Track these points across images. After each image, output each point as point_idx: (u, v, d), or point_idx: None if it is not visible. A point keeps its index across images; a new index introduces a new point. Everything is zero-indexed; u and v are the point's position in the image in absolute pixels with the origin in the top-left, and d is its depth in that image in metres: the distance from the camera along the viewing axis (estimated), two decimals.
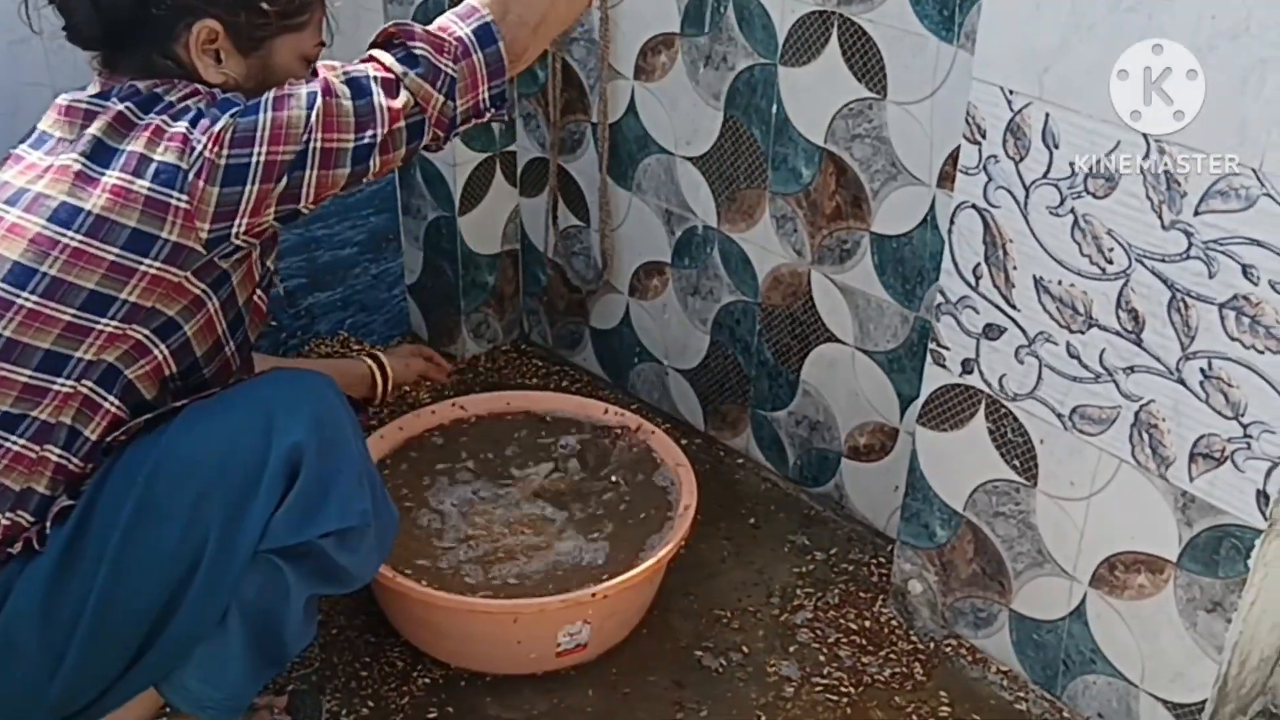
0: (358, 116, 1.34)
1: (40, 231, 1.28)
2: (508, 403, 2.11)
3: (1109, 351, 1.50)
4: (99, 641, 1.33)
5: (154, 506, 1.33)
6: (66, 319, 1.28)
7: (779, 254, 2.02)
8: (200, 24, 1.34)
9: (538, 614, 1.68)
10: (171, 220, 1.29)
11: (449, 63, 1.38)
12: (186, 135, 1.29)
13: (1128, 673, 1.63)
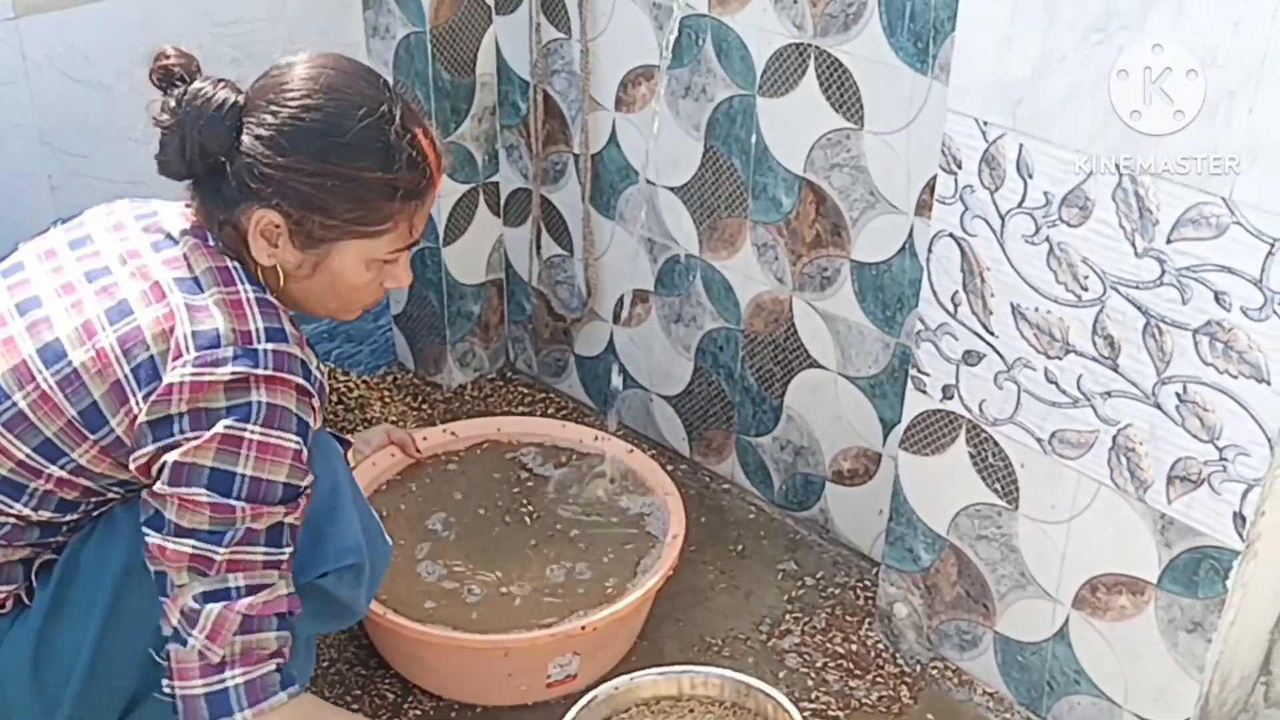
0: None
1: (25, 361, 1.26)
2: (497, 429, 2.12)
3: (1086, 377, 1.52)
4: (92, 692, 1.34)
5: (144, 559, 1.33)
6: (20, 456, 1.26)
7: (761, 281, 2.04)
8: (263, 212, 1.29)
9: (528, 647, 1.69)
10: (124, 414, 1.25)
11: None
12: (179, 378, 1.23)
13: (1111, 693, 1.65)
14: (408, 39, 2.19)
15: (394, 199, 1.32)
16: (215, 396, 1.23)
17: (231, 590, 1.26)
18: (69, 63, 1.82)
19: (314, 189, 1.28)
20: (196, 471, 1.23)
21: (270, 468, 1.25)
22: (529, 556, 1.88)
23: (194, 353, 1.23)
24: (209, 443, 1.23)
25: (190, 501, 1.24)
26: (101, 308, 1.27)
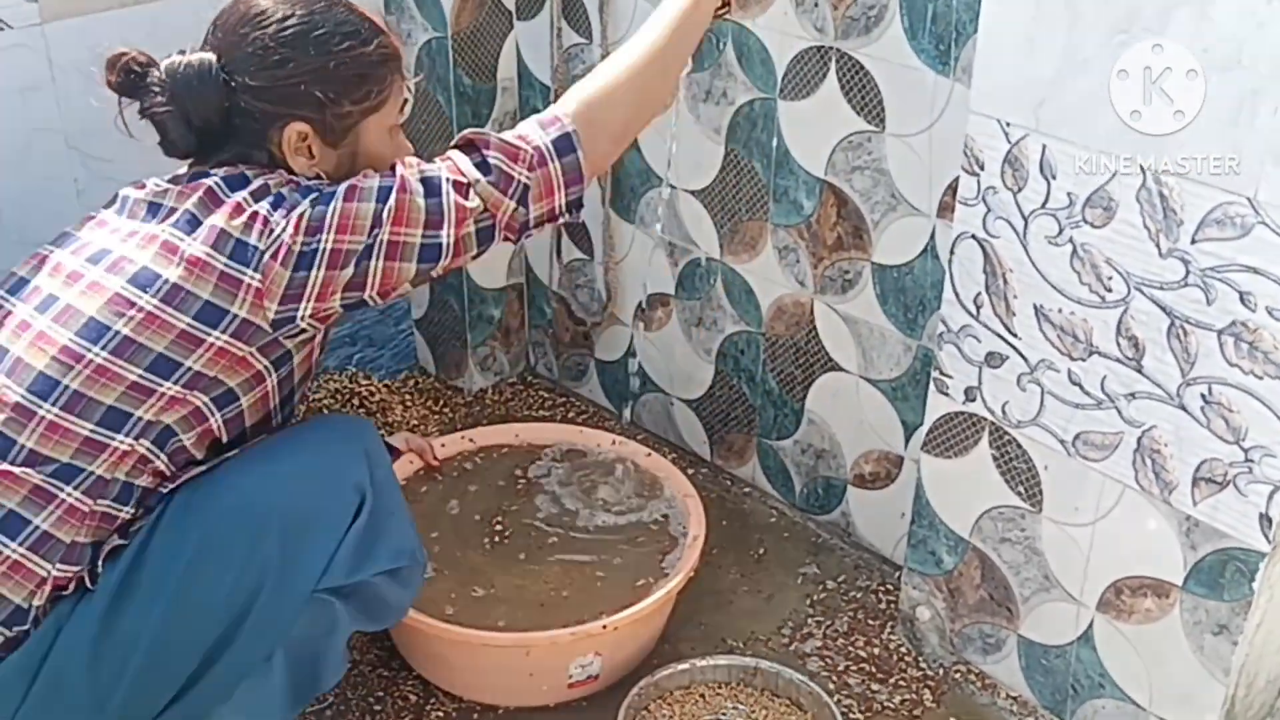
0: (428, 214, 1.39)
1: (118, 292, 1.32)
2: (515, 435, 2.13)
3: (1110, 378, 1.52)
4: (148, 680, 1.36)
5: (212, 548, 1.35)
6: (132, 378, 1.31)
7: (782, 284, 2.04)
8: (290, 127, 1.40)
9: (549, 646, 1.69)
10: (242, 297, 1.33)
11: (524, 171, 1.43)
12: (267, 218, 1.35)
13: (1136, 696, 1.64)
14: (429, 44, 2.19)
15: (384, 63, 1.45)
16: (319, 212, 1.37)
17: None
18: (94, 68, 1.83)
19: (322, 83, 1.39)
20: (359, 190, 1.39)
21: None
22: (548, 559, 1.88)
23: (278, 213, 1.35)
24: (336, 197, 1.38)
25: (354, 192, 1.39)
26: (173, 227, 1.35)
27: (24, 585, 1.31)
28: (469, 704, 1.78)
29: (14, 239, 1.82)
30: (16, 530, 1.30)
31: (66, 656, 1.34)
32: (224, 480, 1.36)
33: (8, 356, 1.33)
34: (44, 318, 1.33)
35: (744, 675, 1.79)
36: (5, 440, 1.30)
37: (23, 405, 1.30)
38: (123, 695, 1.35)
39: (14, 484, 1.30)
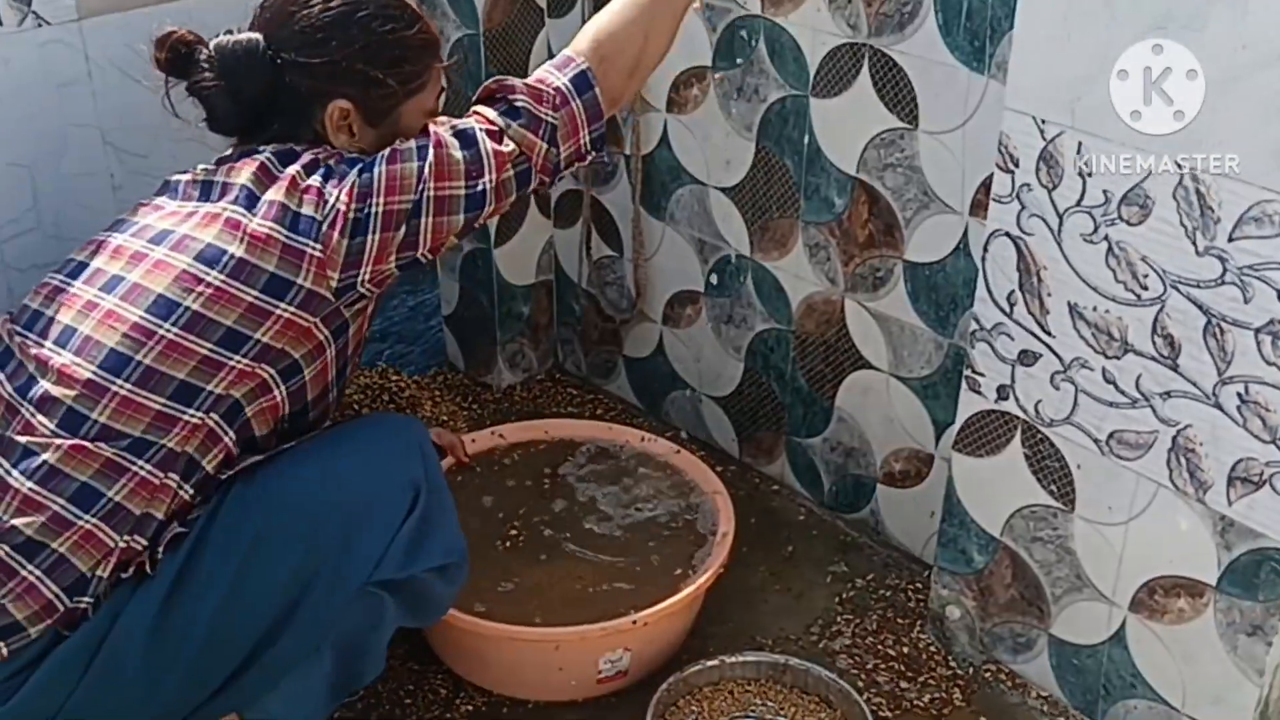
0: (467, 165, 1.43)
1: (186, 269, 1.36)
2: (545, 431, 2.13)
3: (1145, 377, 1.51)
4: (201, 666, 1.38)
5: (269, 540, 1.37)
6: (203, 352, 1.35)
7: (812, 282, 2.04)
8: (333, 104, 1.45)
9: (579, 641, 1.69)
10: (306, 268, 1.37)
11: (549, 111, 1.47)
12: (321, 189, 1.39)
13: (1169, 697, 1.63)
14: (462, 41, 2.20)
15: (425, 47, 1.49)
16: (368, 176, 1.40)
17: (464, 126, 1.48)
18: (130, 64, 1.85)
19: (366, 63, 1.43)
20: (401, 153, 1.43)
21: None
22: (578, 555, 1.88)
23: (331, 183, 1.39)
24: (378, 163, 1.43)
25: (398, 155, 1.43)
26: (233, 204, 1.38)
27: (93, 555, 1.34)
28: (498, 698, 1.78)
29: (50, 234, 1.84)
30: (90, 503, 1.33)
31: (123, 641, 1.35)
32: (281, 473, 1.39)
33: (76, 335, 1.35)
34: (111, 297, 1.36)
35: (773, 672, 1.79)
36: (78, 416, 1.32)
37: (95, 382, 1.32)
38: (176, 680, 1.38)
39: (87, 458, 1.32)
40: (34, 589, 1.32)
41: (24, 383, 1.35)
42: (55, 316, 1.38)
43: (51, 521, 1.32)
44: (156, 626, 1.36)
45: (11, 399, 1.35)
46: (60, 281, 1.42)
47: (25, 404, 1.34)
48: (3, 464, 1.33)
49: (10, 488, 1.32)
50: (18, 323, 1.41)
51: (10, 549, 1.31)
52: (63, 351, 1.34)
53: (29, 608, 1.33)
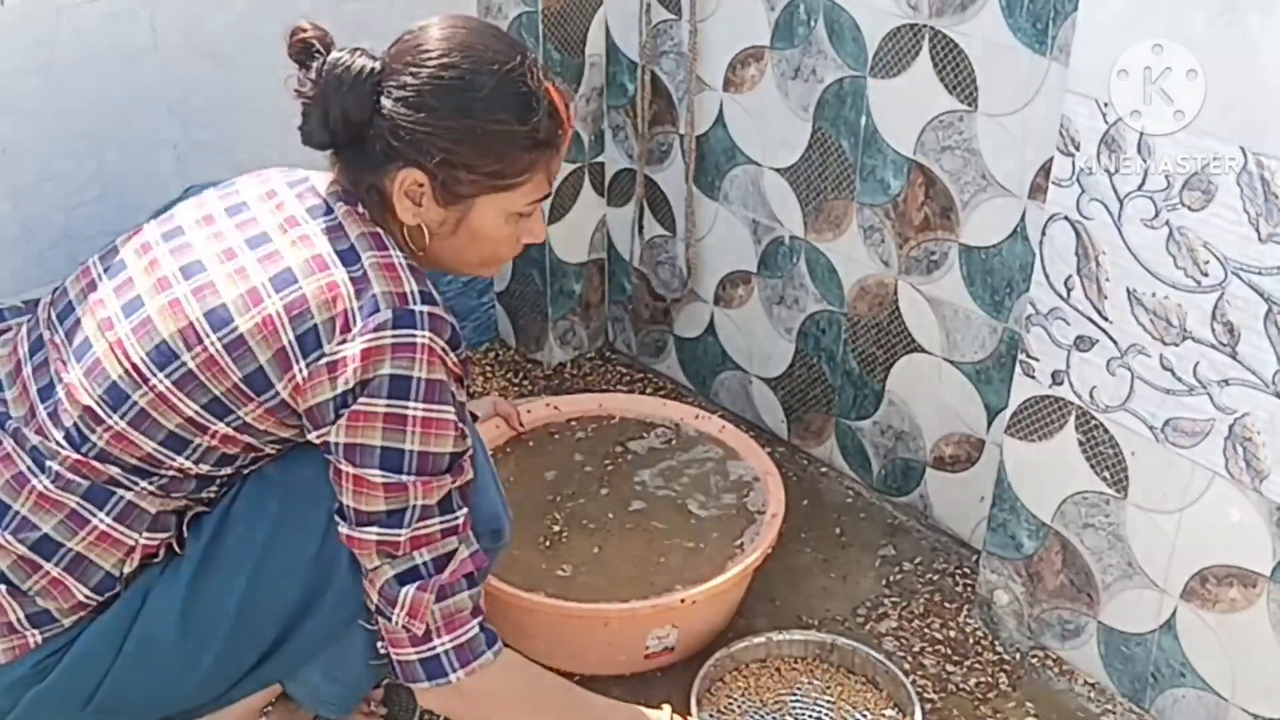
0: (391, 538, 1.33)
1: (193, 323, 1.31)
2: (599, 405, 2.14)
3: (1203, 364, 1.50)
4: (235, 644, 1.39)
5: (293, 518, 1.38)
6: (189, 413, 1.31)
7: (866, 264, 2.03)
8: (407, 172, 1.32)
9: (628, 618, 1.71)
10: (287, 381, 1.30)
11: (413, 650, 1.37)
12: (348, 325, 1.28)
13: (1218, 687, 1.62)
14: (520, 18, 2.21)
15: (531, 149, 1.35)
16: (381, 362, 1.28)
17: (420, 568, 1.33)
18: (196, 36, 1.87)
19: (455, 144, 1.31)
20: (368, 451, 1.29)
21: (435, 441, 1.31)
22: (628, 531, 1.89)
23: (360, 323, 1.28)
24: (375, 419, 1.28)
25: (365, 483, 1.30)
26: (266, 275, 1.31)
27: (112, 553, 1.35)
28: (545, 669, 1.79)
29: (115, 204, 1.87)
30: (103, 501, 1.33)
31: (156, 620, 1.37)
32: (304, 449, 1.37)
33: (89, 354, 1.34)
34: (125, 323, 1.33)
35: (820, 651, 1.80)
36: (80, 435, 1.33)
37: (93, 410, 1.32)
38: (212, 656, 1.39)
39: (92, 472, 1.33)
40: (60, 585, 1.34)
41: (44, 386, 1.36)
42: (81, 321, 1.36)
43: (69, 519, 1.32)
44: (187, 606, 1.36)
45: (34, 400, 1.36)
46: (96, 276, 1.40)
47: (41, 408, 1.34)
48: (22, 458, 1.34)
49: (28, 483, 1.33)
50: (55, 307, 1.41)
51: (28, 546, 1.32)
52: (75, 367, 1.34)
53: (59, 603, 1.35)
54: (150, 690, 1.41)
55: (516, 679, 1.43)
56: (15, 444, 1.34)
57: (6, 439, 1.34)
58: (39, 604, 1.34)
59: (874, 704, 1.75)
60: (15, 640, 1.36)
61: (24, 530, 1.32)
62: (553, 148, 1.38)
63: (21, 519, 1.32)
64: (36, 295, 1.58)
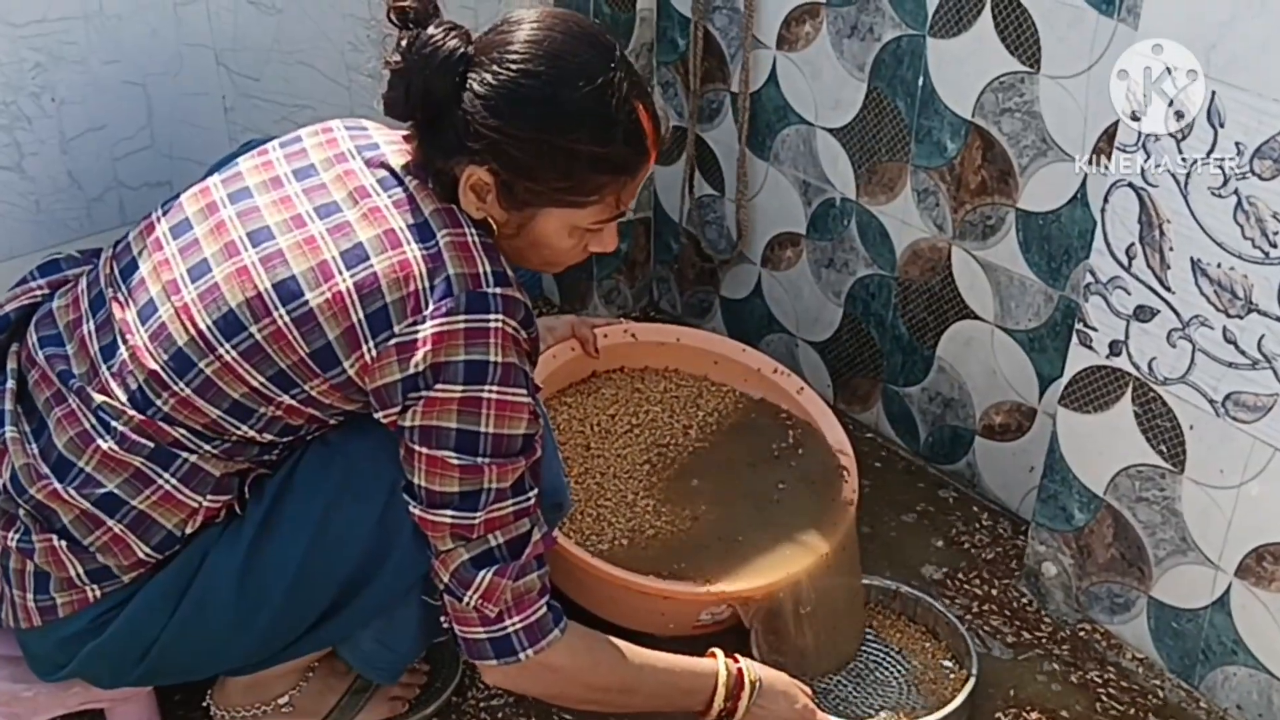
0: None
1: (262, 294, 1.29)
2: (677, 339, 2.08)
3: (1268, 337, 1.46)
4: (291, 607, 1.39)
5: (354, 485, 1.38)
6: (255, 384, 1.31)
7: (919, 228, 2.00)
8: (475, 168, 1.29)
9: (689, 600, 1.68)
10: (355, 360, 1.29)
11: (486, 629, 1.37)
12: (420, 307, 1.27)
13: (1271, 666, 1.60)
14: None
15: (604, 173, 1.31)
16: (455, 348, 1.26)
17: (494, 551, 1.33)
18: None
19: (526, 155, 1.28)
20: (443, 434, 1.28)
21: (510, 423, 1.30)
22: (694, 493, 1.85)
23: (431, 305, 1.27)
24: (450, 404, 1.27)
25: (440, 464, 1.29)
26: (337, 249, 1.30)
27: (175, 514, 1.35)
28: (591, 617, 1.76)
29: (164, 152, 1.86)
30: (168, 462, 1.33)
31: (213, 580, 1.37)
32: (368, 418, 1.35)
33: (155, 317, 1.33)
34: (192, 288, 1.32)
35: (883, 598, 1.81)
36: (146, 398, 1.32)
37: (159, 375, 1.31)
38: (268, 618, 1.39)
39: (158, 433, 1.32)
40: (121, 542, 1.34)
41: (107, 345, 1.35)
42: (146, 280, 1.35)
43: (134, 478, 1.32)
44: (245, 568, 1.36)
45: (95, 358, 1.35)
46: (162, 235, 1.38)
47: (104, 367, 1.34)
48: (87, 417, 1.33)
49: (93, 441, 1.32)
50: (118, 263, 1.40)
51: (92, 502, 1.32)
52: (140, 330, 1.33)
53: (118, 560, 1.35)
54: (204, 649, 1.41)
55: (581, 653, 1.43)
56: (80, 402, 1.34)
57: (71, 396, 1.34)
58: (99, 560, 1.35)
59: (933, 653, 1.76)
60: (74, 595, 1.37)
61: (88, 487, 1.32)
62: (628, 174, 1.33)
63: (86, 476, 1.33)
64: (89, 246, 1.57)
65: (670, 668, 1.50)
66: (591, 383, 2.02)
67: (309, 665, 1.57)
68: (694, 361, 2.07)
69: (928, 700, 1.69)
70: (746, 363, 2.05)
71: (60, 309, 1.42)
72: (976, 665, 1.68)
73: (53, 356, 1.38)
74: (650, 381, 2.04)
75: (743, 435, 1.97)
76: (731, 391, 2.04)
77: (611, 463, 1.89)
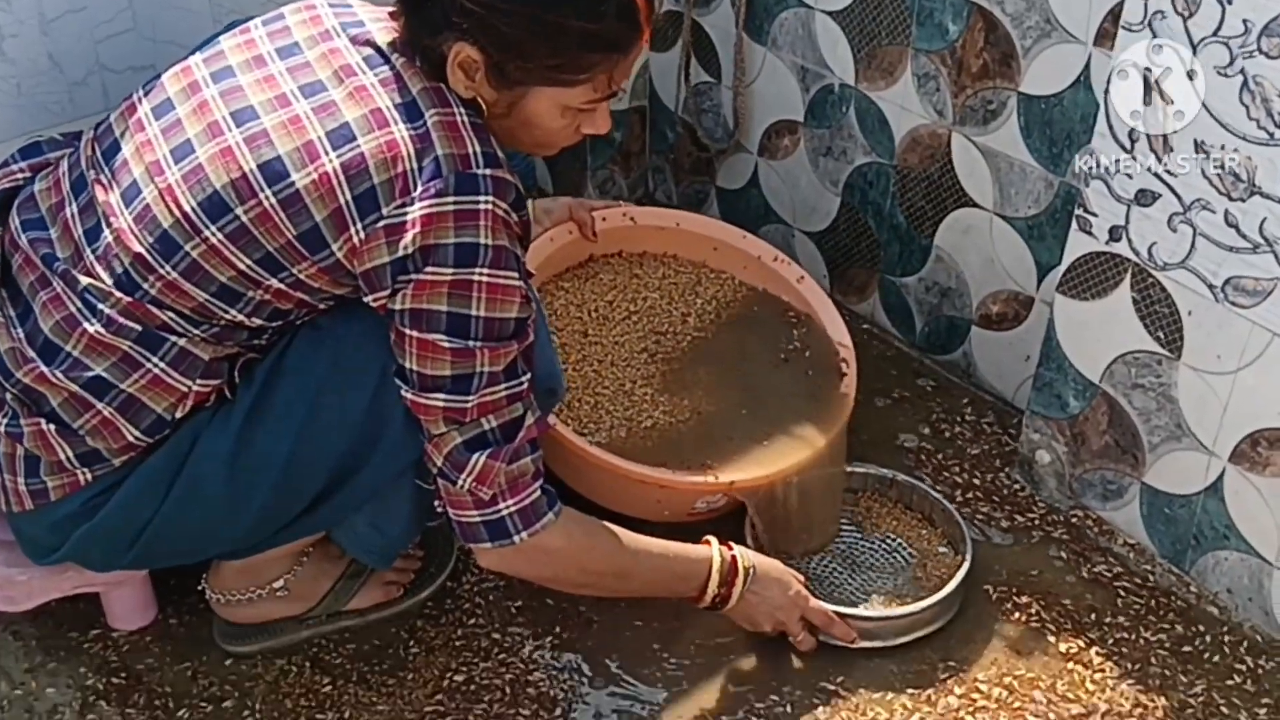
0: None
1: (247, 174, 1.27)
2: (677, 223, 2.05)
3: (1270, 221, 1.44)
4: (283, 491, 1.39)
5: (345, 370, 1.37)
6: (242, 267, 1.29)
7: (919, 114, 1.96)
8: (463, 45, 1.26)
9: (686, 489, 1.69)
10: (343, 242, 1.27)
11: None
12: (408, 188, 1.25)
13: (1262, 550, 1.61)
14: None
15: (596, 50, 1.28)
16: (445, 230, 1.25)
17: (487, 435, 1.33)
18: None
19: (514, 31, 1.25)
20: (434, 317, 1.27)
21: (501, 306, 1.29)
22: (691, 382, 1.84)
23: (420, 187, 1.25)
24: (441, 287, 1.26)
25: (431, 347, 1.28)
26: (323, 129, 1.27)
27: (164, 397, 1.34)
28: (590, 503, 1.76)
29: (146, 35, 1.82)
30: (156, 345, 1.32)
31: (204, 464, 1.37)
32: (358, 302, 1.34)
33: (138, 199, 1.31)
34: (176, 169, 1.29)
35: (880, 485, 1.83)
36: (132, 280, 1.30)
37: (144, 258, 1.29)
38: (260, 502, 1.39)
39: (146, 315, 1.31)
40: (111, 425, 1.33)
41: (90, 228, 1.33)
42: (128, 161, 1.33)
43: (122, 361, 1.31)
44: (236, 452, 1.36)
45: (79, 241, 1.33)
46: (144, 115, 1.35)
47: (89, 250, 1.32)
48: (73, 300, 1.32)
49: (79, 324, 1.31)
50: (100, 144, 1.37)
51: (80, 385, 1.31)
52: (124, 212, 1.30)
53: (108, 443, 1.34)
54: (196, 532, 1.42)
55: (575, 536, 1.43)
56: (65, 285, 1.32)
57: (56, 280, 1.33)
58: (89, 444, 1.34)
59: (929, 539, 1.77)
60: (65, 478, 1.36)
61: (75, 370, 1.32)
62: (620, 51, 1.30)
63: (73, 359, 1.32)
64: (72, 129, 1.54)
65: (665, 554, 1.51)
66: (589, 267, 2.00)
67: (303, 550, 1.58)
68: (693, 247, 2.04)
69: (923, 586, 1.70)
70: (746, 249, 2.02)
71: (42, 192, 1.40)
72: (971, 550, 1.69)
73: (36, 240, 1.36)
74: (649, 267, 2.01)
75: (742, 325, 1.96)
76: (731, 279, 2.02)
77: (609, 350, 1.87)
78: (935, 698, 1.56)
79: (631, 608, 1.67)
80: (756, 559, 1.57)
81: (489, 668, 1.60)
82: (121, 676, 1.57)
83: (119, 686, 1.56)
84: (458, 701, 1.56)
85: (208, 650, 1.61)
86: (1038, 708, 1.54)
